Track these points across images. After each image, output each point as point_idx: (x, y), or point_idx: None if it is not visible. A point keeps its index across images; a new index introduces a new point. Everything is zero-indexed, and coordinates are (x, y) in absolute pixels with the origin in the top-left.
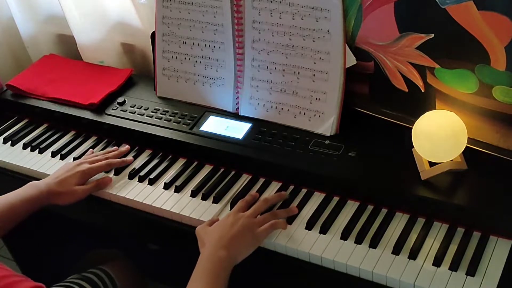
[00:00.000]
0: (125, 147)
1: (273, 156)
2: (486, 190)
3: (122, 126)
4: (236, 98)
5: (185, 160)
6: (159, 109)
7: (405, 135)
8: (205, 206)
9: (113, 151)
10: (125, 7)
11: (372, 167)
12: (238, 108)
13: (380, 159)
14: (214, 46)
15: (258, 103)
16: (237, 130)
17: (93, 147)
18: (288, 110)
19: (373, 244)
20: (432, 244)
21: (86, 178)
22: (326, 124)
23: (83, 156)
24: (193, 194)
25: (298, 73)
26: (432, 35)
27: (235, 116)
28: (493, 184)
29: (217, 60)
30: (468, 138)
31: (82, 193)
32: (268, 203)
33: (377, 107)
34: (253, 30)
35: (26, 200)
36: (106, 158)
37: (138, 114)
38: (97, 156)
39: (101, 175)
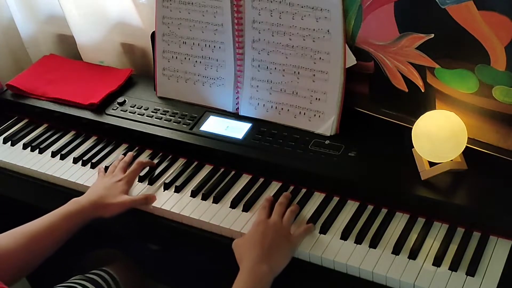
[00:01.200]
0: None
1: (273, 156)
2: (486, 190)
3: (122, 126)
4: (236, 98)
5: (185, 160)
6: (159, 109)
7: (405, 135)
8: (205, 206)
9: (143, 162)
10: (125, 7)
11: (372, 167)
12: (238, 108)
13: (380, 159)
14: (214, 46)
15: (258, 103)
16: (237, 130)
17: (93, 147)
18: (288, 110)
19: (373, 244)
20: (432, 244)
21: (130, 185)
22: (326, 124)
23: (108, 171)
24: (193, 194)
25: (298, 73)
26: (432, 35)
27: (235, 116)
28: (493, 184)
29: (217, 60)
30: (468, 138)
31: (131, 203)
32: (283, 205)
33: (377, 107)
34: (253, 30)
35: (66, 217)
36: (125, 164)
37: (138, 114)
38: (121, 164)
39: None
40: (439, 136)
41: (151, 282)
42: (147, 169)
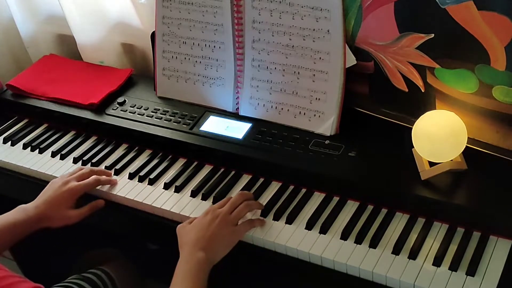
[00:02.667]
0: (110, 172)
1: (273, 156)
2: (486, 190)
3: (122, 126)
4: (236, 98)
5: (185, 160)
6: (159, 109)
7: (405, 135)
8: (205, 206)
9: (99, 170)
10: (125, 7)
11: (372, 167)
12: (238, 108)
13: (380, 159)
14: (214, 46)
15: (258, 103)
16: (237, 130)
17: (93, 147)
18: (288, 110)
19: (373, 244)
20: (432, 244)
21: (75, 197)
22: (326, 124)
23: (69, 172)
24: (193, 194)
25: (298, 73)
26: (432, 35)
27: (235, 116)
28: (493, 184)
29: (217, 60)
30: (468, 138)
31: (76, 218)
32: (241, 197)
33: (377, 107)
34: (253, 30)
35: (13, 225)
36: (92, 173)
37: (138, 114)
38: (82, 170)
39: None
40: (439, 136)
41: (151, 282)
42: (146, 169)
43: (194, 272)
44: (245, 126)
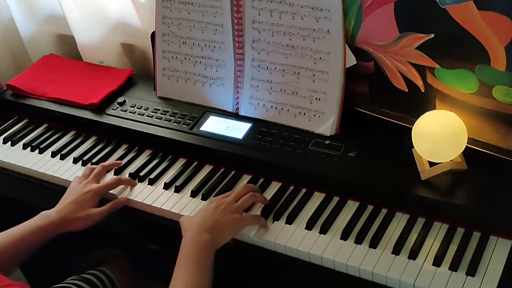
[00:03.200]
0: (120, 162)
1: (273, 156)
2: (486, 190)
3: (122, 126)
4: (236, 98)
5: (185, 160)
6: (159, 109)
7: (405, 135)
8: None
9: (110, 164)
10: (125, 7)
11: (372, 167)
12: (238, 108)
13: (380, 159)
14: (214, 46)
15: (258, 103)
16: (237, 130)
17: (93, 147)
18: (288, 110)
19: (373, 244)
20: (432, 244)
21: (99, 198)
22: (326, 124)
23: (83, 174)
24: (193, 194)
25: (298, 73)
26: (432, 35)
27: (235, 116)
28: (493, 184)
29: (217, 60)
30: (468, 138)
31: (100, 216)
32: (247, 189)
33: (377, 107)
34: (253, 30)
35: (36, 231)
36: (105, 170)
37: (138, 114)
38: (96, 170)
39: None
40: (439, 136)
41: (151, 282)
42: (146, 169)
43: (198, 255)
44: (245, 126)
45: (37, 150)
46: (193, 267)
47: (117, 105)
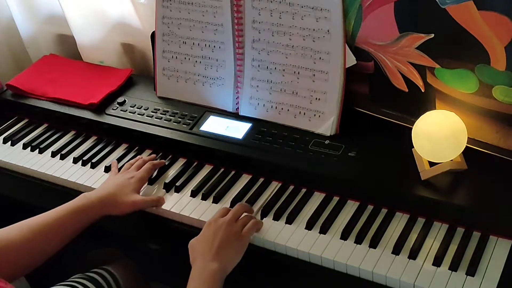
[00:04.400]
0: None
1: (273, 156)
2: (486, 190)
3: (122, 126)
4: (236, 98)
5: (185, 160)
6: (159, 109)
7: (405, 135)
8: (205, 206)
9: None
10: (125, 7)
11: (372, 167)
12: (238, 108)
13: (380, 159)
14: (214, 46)
15: (258, 103)
16: (237, 130)
17: (93, 147)
18: (288, 110)
19: (373, 244)
20: (432, 244)
21: (141, 184)
22: (326, 124)
23: (123, 168)
24: (193, 194)
25: (298, 73)
26: (432, 35)
27: (235, 116)
28: (493, 184)
29: (217, 60)
30: (468, 138)
31: (143, 204)
32: (242, 208)
33: (377, 107)
34: (253, 30)
35: (74, 212)
36: (144, 163)
37: (138, 114)
38: (137, 162)
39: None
40: (439, 136)
41: (151, 282)
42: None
43: (209, 284)
44: (245, 126)
45: (37, 150)
46: None
47: (117, 105)
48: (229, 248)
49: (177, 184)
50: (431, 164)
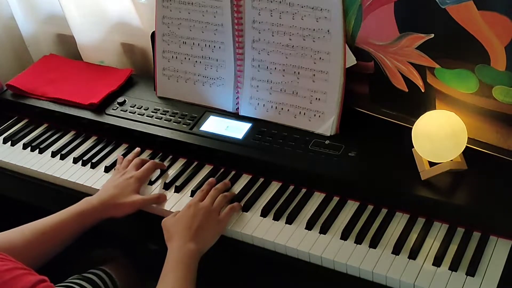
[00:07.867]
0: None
1: (273, 156)
2: (486, 190)
3: (122, 126)
4: (236, 98)
5: (185, 160)
6: (159, 109)
7: (405, 135)
8: None
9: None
10: (125, 7)
11: (372, 167)
12: (238, 108)
13: (380, 159)
14: (214, 46)
15: (258, 103)
16: (237, 130)
17: (93, 147)
18: (288, 110)
19: (373, 244)
20: (432, 244)
21: (141, 183)
22: (326, 124)
23: (122, 165)
24: (193, 194)
25: (298, 73)
26: (432, 35)
27: (235, 116)
28: (493, 184)
29: (217, 60)
30: (468, 138)
31: (143, 203)
32: (218, 191)
33: (377, 107)
34: (253, 30)
35: (77, 216)
36: (144, 162)
37: (138, 114)
38: (134, 161)
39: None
40: (439, 136)
41: (151, 282)
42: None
43: (186, 262)
44: (245, 126)
45: (37, 150)
46: (180, 274)
47: (117, 105)
48: (206, 231)
49: (177, 184)
50: (431, 164)
